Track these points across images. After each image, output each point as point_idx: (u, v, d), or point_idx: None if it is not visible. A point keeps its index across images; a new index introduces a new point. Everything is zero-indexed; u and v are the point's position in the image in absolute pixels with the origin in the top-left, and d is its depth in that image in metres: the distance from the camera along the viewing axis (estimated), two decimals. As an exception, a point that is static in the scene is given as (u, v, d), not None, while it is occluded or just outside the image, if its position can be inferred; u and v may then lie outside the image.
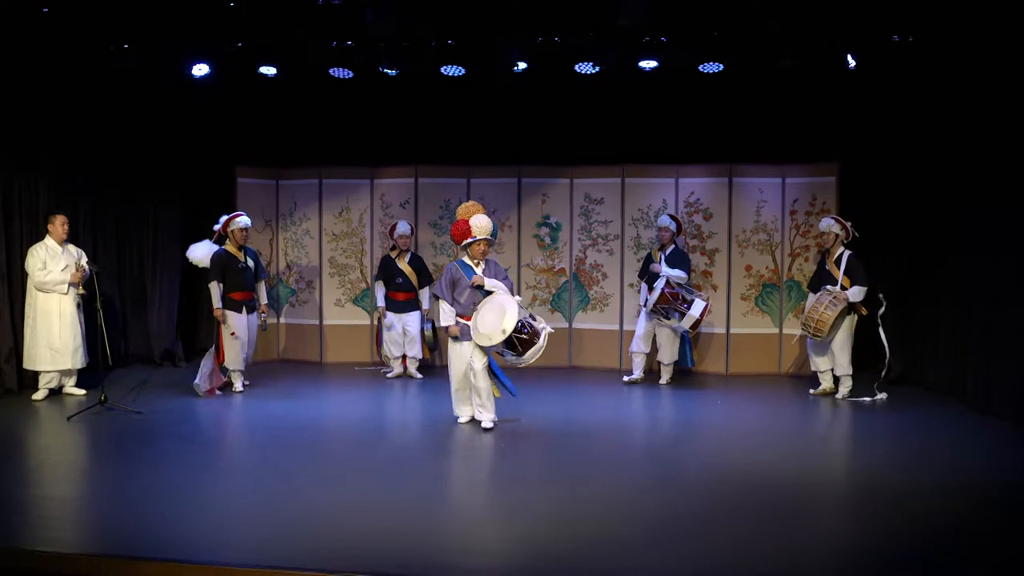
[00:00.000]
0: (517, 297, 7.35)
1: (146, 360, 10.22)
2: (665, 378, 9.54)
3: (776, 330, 9.96)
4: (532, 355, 7.23)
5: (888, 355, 8.69)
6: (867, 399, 8.63)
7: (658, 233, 9.49)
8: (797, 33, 8.22)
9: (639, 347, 9.58)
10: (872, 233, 9.62)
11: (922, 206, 9.14)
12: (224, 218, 8.78)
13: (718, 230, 10.06)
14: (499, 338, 7.06)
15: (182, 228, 10.32)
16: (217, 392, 8.71)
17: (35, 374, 8.45)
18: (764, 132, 9.99)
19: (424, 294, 9.67)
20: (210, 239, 8.84)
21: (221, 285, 8.61)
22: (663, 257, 9.31)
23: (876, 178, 9.61)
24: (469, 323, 7.32)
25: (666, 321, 9.26)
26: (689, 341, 9.53)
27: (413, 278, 9.61)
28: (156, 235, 10.24)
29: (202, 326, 10.82)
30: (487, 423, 7.38)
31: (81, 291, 8.35)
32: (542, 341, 7.22)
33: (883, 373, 8.70)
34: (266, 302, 9.15)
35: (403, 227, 9.65)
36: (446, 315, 7.39)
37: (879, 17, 7.99)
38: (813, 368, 8.96)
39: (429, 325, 9.72)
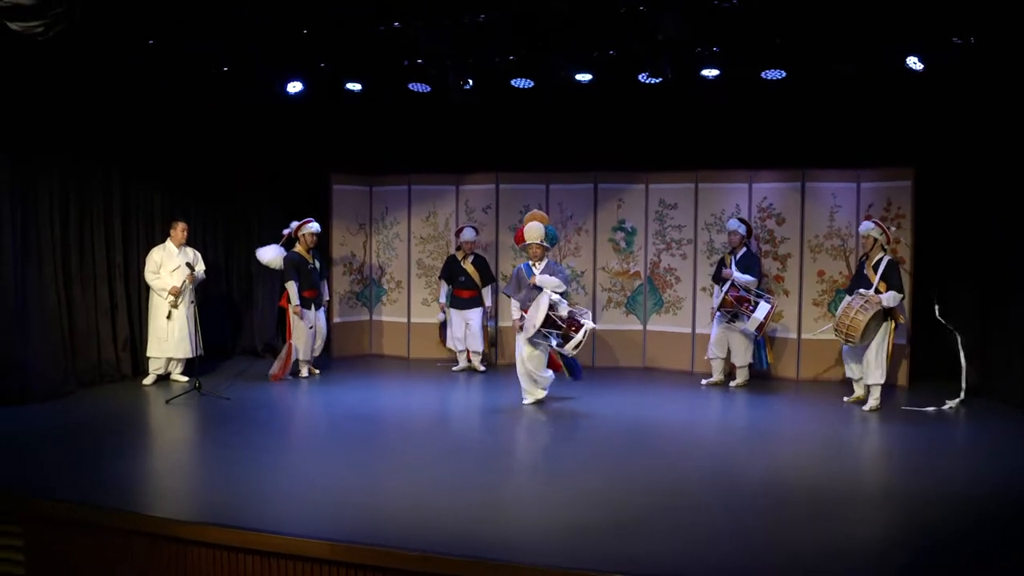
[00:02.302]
0: (555, 296, 8.24)
1: (250, 352, 11.23)
2: (739, 380, 9.69)
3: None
4: (572, 347, 8.05)
5: (964, 363, 8.61)
6: (931, 408, 8.52)
7: (728, 237, 9.67)
8: (856, 37, 8.20)
9: (713, 352, 9.79)
10: (949, 240, 9.50)
11: (1000, 213, 8.91)
12: (295, 224, 9.70)
13: (790, 235, 10.08)
14: (531, 332, 8.16)
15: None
16: (287, 376, 9.67)
17: (147, 358, 9.51)
18: (838, 137, 9.94)
19: (487, 292, 10.28)
20: (276, 243, 9.76)
21: (297, 284, 9.52)
22: (734, 261, 9.50)
23: (953, 183, 9.44)
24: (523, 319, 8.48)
25: (734, 323, 9.45)
26: (763, 343, 9.62)
27: (476, 277, 10.27)
28: (261, 237, 11.15)
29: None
30: (527, 400, 8.59)
31: (174, 303, 9.25)
32: (580, 336, 8.03)
33: (963, 384, 8.67)
34: (327, 298, 10.22)
35: (468, 233, 10.30)
36: (512, 311, 8.70)
37: (941, 19, 7.87)
38: (848, 374, 8.85)
39: (492, 323, 10.40)
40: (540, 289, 8.37)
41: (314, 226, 9.75)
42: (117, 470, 6.43)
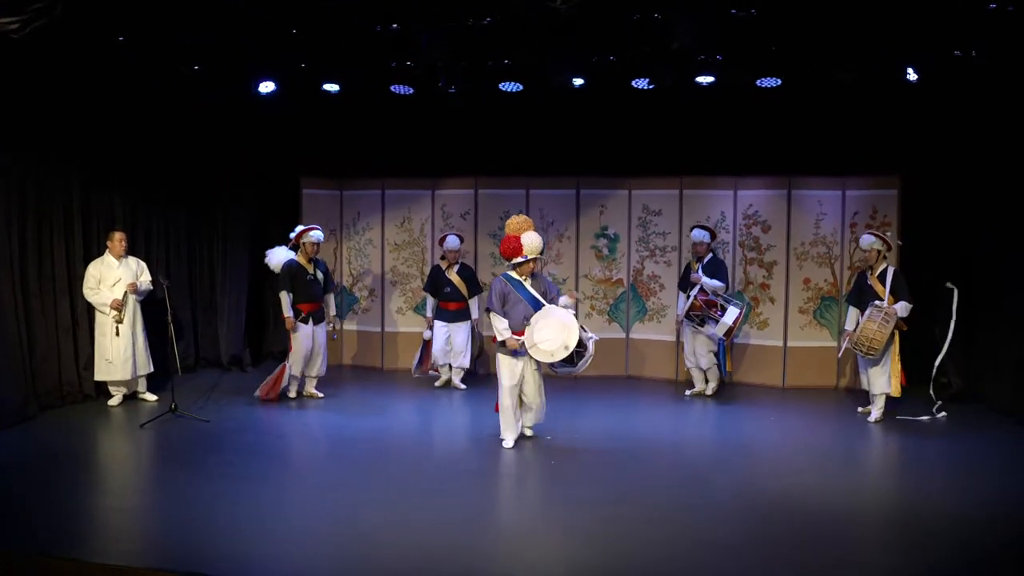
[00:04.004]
0: (571, 309, 7.35)
1: (215, 364, 10.60)
2: (712, 385, 9.56)
3: (834, 344, 9.86)
4: (583, 365, 7.29)
5: (938, 365, 8.63)
6: (925, 417, 8.54)
7: (693, 248, 9.52)
8: (857, 47, 8.12)
9: (691, 361, 9.65)
10: (934, 247, 9.53)
11: (985, 222, 8.99)
12: (299, 228, 9.06)
13: (776, 243, 10.01)
14: (562, 354, 7.06)
15: (250, 238, 10.70)
16: (268, 399, 8.99)
17: (98, 382, 8.86)
18: (824, 144, 9.90)
19: (474, 304, 9.85)
20: (287, 245, 9.09)
21: (291, 295, 8.87)
22: (700, 267, 9.34)
23: (939, 192, 9.47)
24: (521, 338, 7.30)
25: (701, 328, 9.29)
26: (723, 349, 9.45)
27: (462, 288, 9.75)
28: (225, 245, 10.61)
29: (269, 333, 11.21)
30: (528, 431, 7.76)
31: (118, 317, 8.56)
32: (591, 350, 7.26)
33: (933, 389, 8.66)
34: (334, 313, 9.42)
35: (452, 241, 9.77)
36: (502, 330, 7.35)
37: (941, 31, 7.85)
38: (865, 387, 8.71)
39: (480, 337, 9.97)
40: (538, 306, 7.31)
41: (316, 235, 9.02)
42: (94, 511, 5.96)
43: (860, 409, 8.83)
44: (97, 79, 8.67)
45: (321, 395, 9.30)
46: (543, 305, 7.32)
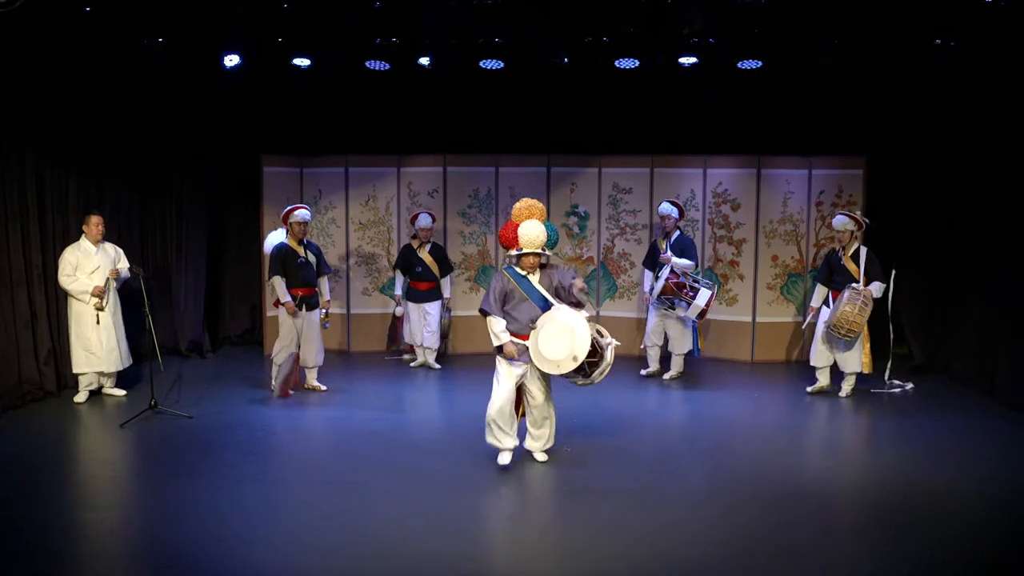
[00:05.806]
0: (584, 312, 6.32)
1: (172, 352, 10.02)
2: (674, 371, 9.43)
3: (800, 318, 10.12)
4: (599, 375, 6.26)
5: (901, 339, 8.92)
6: (897, 389, 8.86)
7: (660, 222, 9.40)
8: (839, 31, 8.24)
9: (651, 341, 9.53)
10: (897, 225, 9.84)
11: (949, 199, 9.29)
12: (286, 209, 8.51)
13: (745, 220, 10.16)
14: (570, 366, 6.10)
15: (208, 218, 10.21)
16: (291, 393, 8.48)
17: (75, 376, 8.32)
18: (793, 124, 10.07)
19: (445, 283, 9.70)
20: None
21: (284, 279, 8.34)
22: (668, 245, 9.23)
23: (904, 173, 9.77)
24: (526, 343, 6.35)
25: (672, 311, 9.24)
26: (696, 330, 9.36)
27: (434, 267, 9.58)
28: (180, 225, 10.07)
29: (225, 317, 10.77)
30: (541, 456, 6.68)
31: (99, 305, 8.11)
32: (609, 358, 6.22)
33: (890, 363, 8.96)
34: (328, 298, 8.81)
35: (424, 220, 9.56)
36: (499, 333, 6.34)
37: (921, 20, 8.03)
38: (813, 363, 8.74)
39: (448, 314, 9.80)
40: (547, 306, 6.33)
41: (301, 213, 8.42)
42: (91, 524, 5.55)
43: (809, 389, 8.84)
44: (53, 53, 8.00)
45: (324, 388, 8.76)
46: (551, 304, 6.34)
